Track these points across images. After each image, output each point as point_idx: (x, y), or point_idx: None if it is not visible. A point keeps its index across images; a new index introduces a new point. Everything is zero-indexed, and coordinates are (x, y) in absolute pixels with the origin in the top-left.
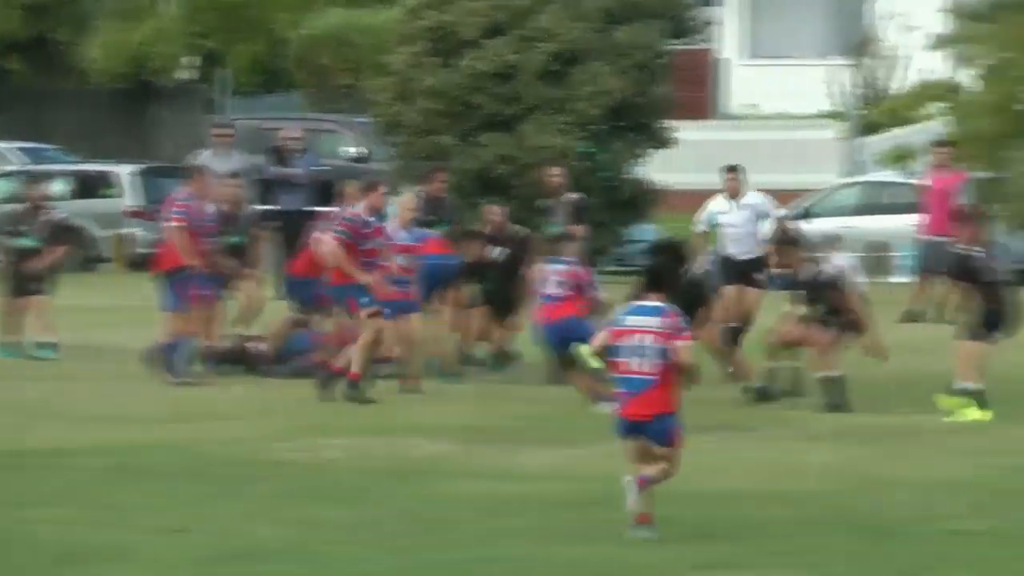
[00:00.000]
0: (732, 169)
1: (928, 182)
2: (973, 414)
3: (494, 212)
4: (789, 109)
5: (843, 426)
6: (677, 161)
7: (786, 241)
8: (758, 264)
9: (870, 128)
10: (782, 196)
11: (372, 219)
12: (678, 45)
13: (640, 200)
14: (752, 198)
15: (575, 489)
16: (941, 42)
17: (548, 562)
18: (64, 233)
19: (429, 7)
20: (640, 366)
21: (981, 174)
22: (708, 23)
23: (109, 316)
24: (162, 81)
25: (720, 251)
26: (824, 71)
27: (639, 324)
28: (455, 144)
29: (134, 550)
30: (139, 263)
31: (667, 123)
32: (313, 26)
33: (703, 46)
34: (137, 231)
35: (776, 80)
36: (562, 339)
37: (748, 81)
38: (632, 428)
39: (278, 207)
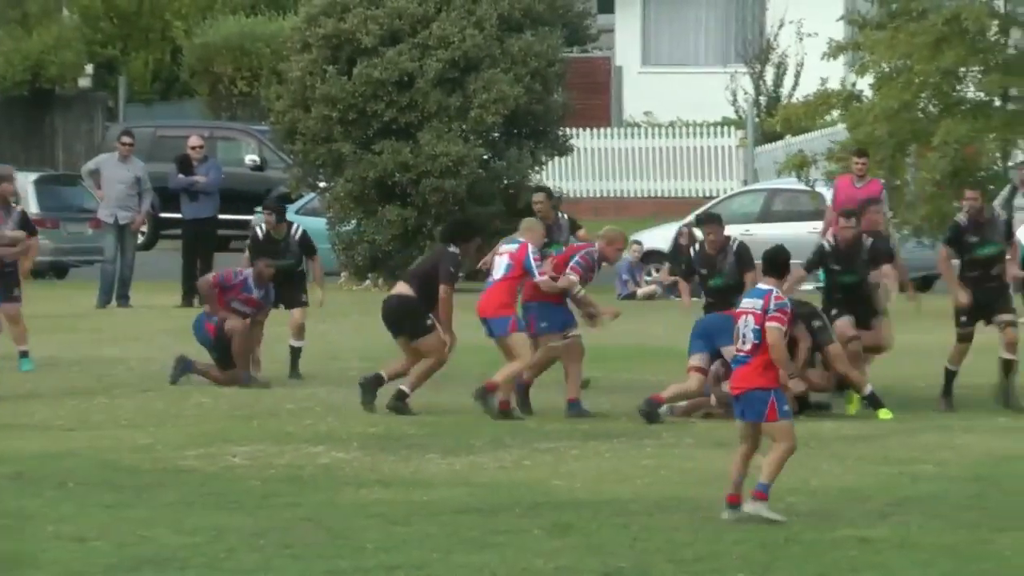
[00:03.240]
0: None
1: (847, 190)
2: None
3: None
4: (684, 116)
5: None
6: (576, 169)
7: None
8: None
9: (768, 136)
10: (682, 204)
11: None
12: (575, 53)
13: None
14: None
15: (477, 496)
16: (838, 49)
17: (450, 569)
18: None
19: (327, 15)
20: (741, 345)
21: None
22: (605, 31)
23: None
24: (60, 89)
25: None
26: (720, 78)
27: (746, 306)
28: (353, 152)
29: (37, 558)
30: (39, 272)
31: (565, 130)
32: (208, 34)
33: (600, 54)
34: (38, 239)
35: (672, 88)
36: None
37: (644, 89)
38: (737, 405)
39: (183, 216)
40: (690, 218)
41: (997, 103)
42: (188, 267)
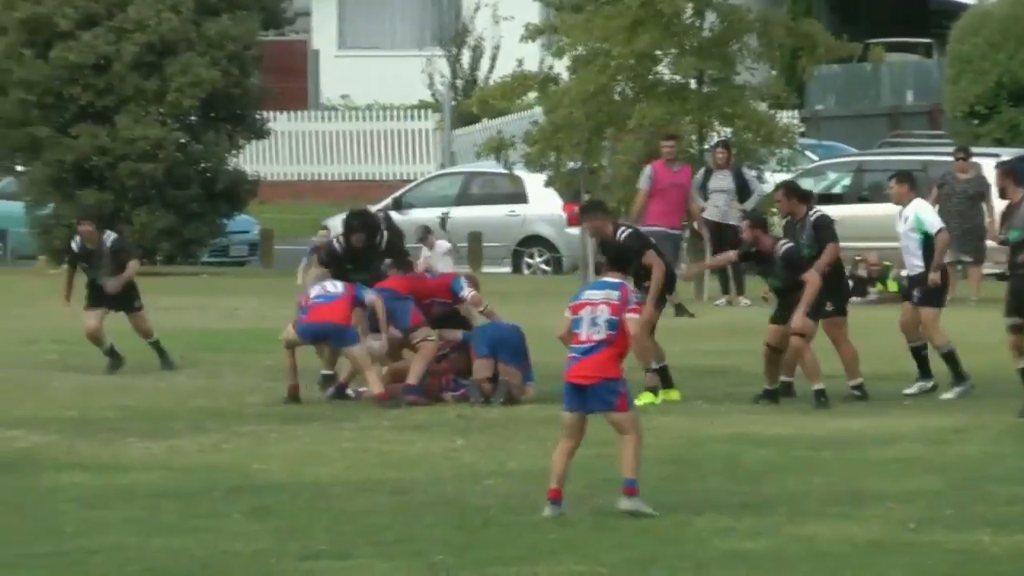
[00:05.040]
0: None
1: (664, 174)
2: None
3: None
4: (381, 100)
5: (441, 417)
6: (274, 152)
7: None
8: None
9: (465, 119)
10: (381, 187)
11: None
12: (271, 36)
13: (236, 191)
14: None
15: (176, 480)
16: (534, 32)
17: (150, 553)
18: None
19: None
20: (592, 335)
21: (575, 164)
22: (301, 14)
23: None
24: None
25: None
26: (417, 62)
27: (596, 297)
28: (49, 135)
29: None
30: None
31: (262, 114)
32: None
33: (297, 37)
34: None
35: (369, 71)
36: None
37: (341, 72)
38: (577, 394)
39: None
40: (387, 201)
41: (693, 85)
42: None
